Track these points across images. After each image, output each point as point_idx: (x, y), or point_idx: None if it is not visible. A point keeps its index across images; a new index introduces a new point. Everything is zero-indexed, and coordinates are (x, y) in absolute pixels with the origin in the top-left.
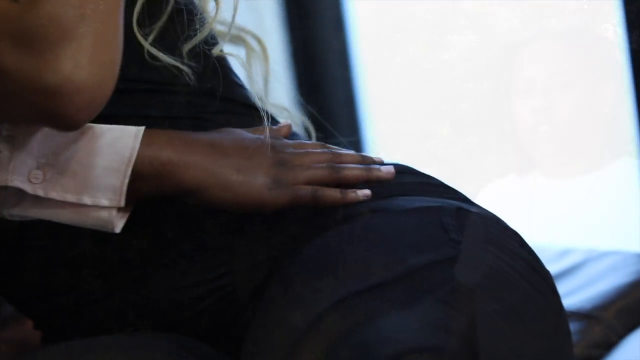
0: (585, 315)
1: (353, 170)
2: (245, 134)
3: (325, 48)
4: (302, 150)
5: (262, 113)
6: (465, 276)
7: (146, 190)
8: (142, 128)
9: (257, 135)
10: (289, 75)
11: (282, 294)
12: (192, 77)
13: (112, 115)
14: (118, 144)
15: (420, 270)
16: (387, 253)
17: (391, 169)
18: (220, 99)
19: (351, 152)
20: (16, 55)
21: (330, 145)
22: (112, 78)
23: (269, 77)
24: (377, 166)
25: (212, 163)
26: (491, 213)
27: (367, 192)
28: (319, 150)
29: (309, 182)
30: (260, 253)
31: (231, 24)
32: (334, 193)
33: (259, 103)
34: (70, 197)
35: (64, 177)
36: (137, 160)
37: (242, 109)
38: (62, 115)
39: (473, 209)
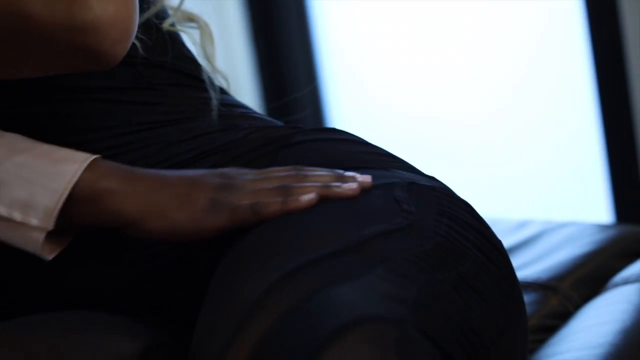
0: (542, 286)
1: (306, 188)
2: (210, 171)
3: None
4: (260, 177)
5: (209, 86)
6: (416, 246)
7: (83, 218)
8: (93, 156)
9: (218, 170)
10: (249, 49)
11: (234, 267)
12: (140, 49)
13: (56, 85)
14: (62, 165)
15: (371, 240)
16: (339, 224)
17: (353, 185)
18: (169, 71)
19: (324, 172)
20: (45, 1)
21: (309, 168)
22: (136, 11)
23: (214, 58)
24: (338, 183)
25: (151, 193)
26: (443, 184)
27: (311, 196)
28: (282, 174)
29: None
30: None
31: (180, 4)
32: (273, 203)
33: (208, 73)
34: (1, 210)
35: (2, 188)
36: (77, 185)
37: (192, 82)
38: (101, 50)
39: (425, 182)
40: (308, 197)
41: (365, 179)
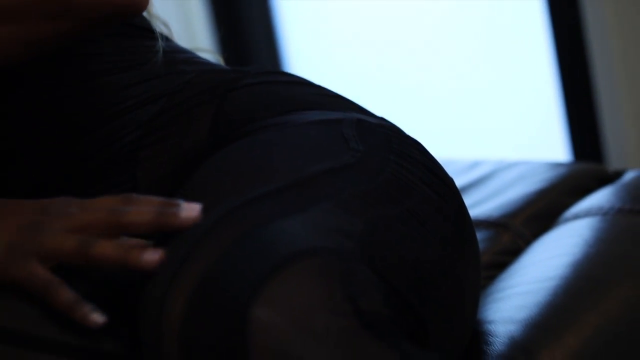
0: (494, 224)
1: (139, 224)
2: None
3: None
4: (74, 209)
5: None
6: (363, 183)
7: None
8: None
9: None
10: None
11: None
12: None
13: None
14: None
15: (318, 177)
16: (286, 162)
17: (192, 213)
18: None
19: (154, 199)
20: None
21: (138, 197)
22: None
23: (152, 5)
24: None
25: None
26: (391, 123)
27: (154, 257)
28: (107, 207)
29: (61, 252)
30: (165, 166)
31: None
32: (108, 251)
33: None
34: None
35: None
36: None
37: (136, 31)
38: (137, 3)
39: (373, 120)
40: (151, 257)
41: (193, 208)
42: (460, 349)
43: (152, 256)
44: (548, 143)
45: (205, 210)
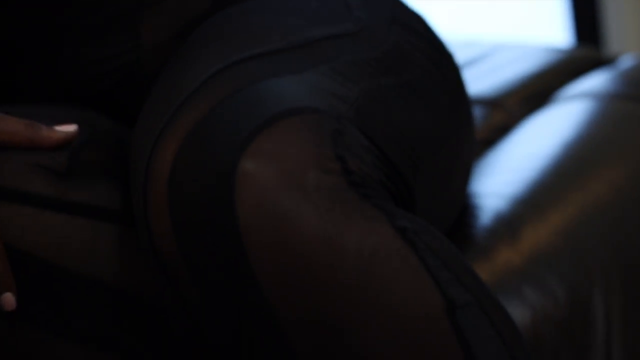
0: (488, 102)
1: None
2: None
3: None
4: None
5: None
6: (363, 51)
7: None
8: None
9: None
10: None
11: (177, 60)
12: None
13: None
14: None
15: (317, 41)
16: (286, 24)
17: (60, 134)
18: None
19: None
20: None
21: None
22: None
23: None
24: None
25: None
26: None
27: (61, 133)
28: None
29: None
30: (168, 30)
31: None
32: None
33: None
34: None
35: None
36: None
37: None
38: None
39: None
40: None
41: (69, 128)
42: (447, 222)
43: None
44: (548, 24)
45: (202, 62)
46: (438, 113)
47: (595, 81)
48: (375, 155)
